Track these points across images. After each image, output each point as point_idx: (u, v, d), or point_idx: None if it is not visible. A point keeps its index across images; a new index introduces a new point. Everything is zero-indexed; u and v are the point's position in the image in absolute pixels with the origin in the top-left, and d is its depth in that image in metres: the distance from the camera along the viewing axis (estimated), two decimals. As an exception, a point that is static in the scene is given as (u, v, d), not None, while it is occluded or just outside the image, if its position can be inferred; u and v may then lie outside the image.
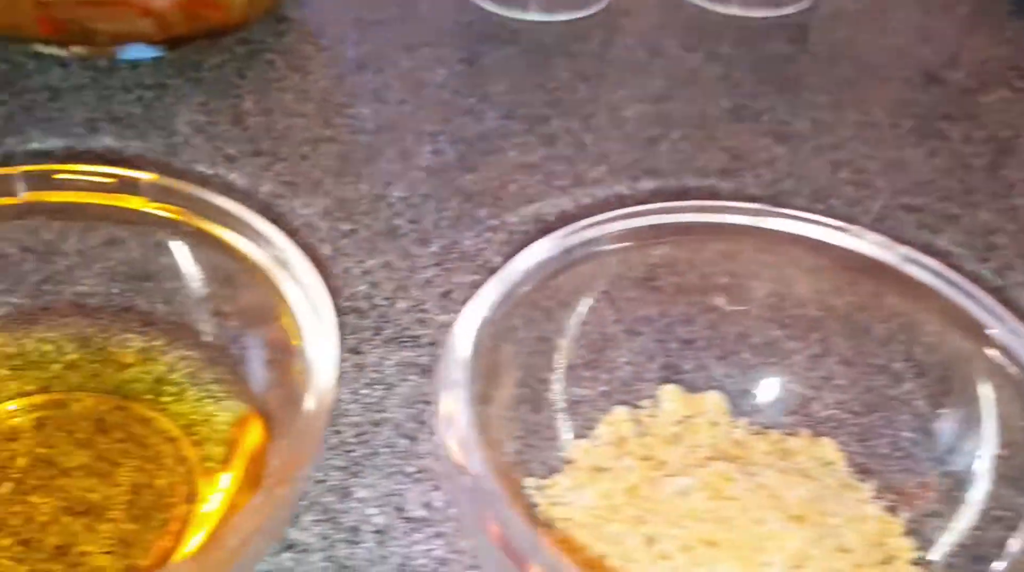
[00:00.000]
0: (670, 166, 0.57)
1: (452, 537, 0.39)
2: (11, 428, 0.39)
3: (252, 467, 0.38)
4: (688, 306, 0.42)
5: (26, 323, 0.43)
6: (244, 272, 0.39)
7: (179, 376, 0.42)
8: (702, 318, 0.44)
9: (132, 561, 0.35)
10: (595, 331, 0.42)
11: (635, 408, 0.41)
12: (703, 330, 0.44)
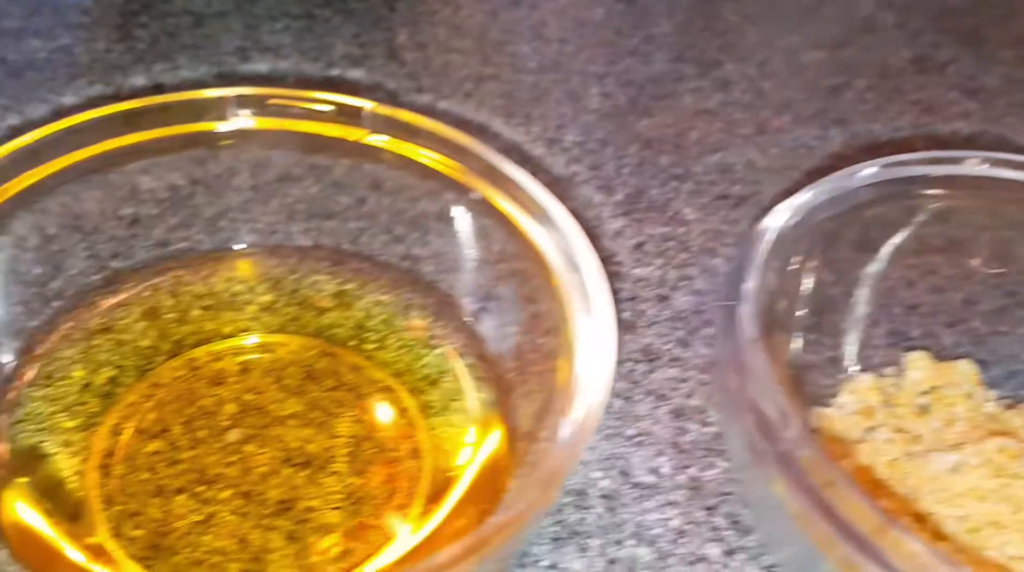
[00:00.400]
0: (858, 117, 0.53)
1: (687, 507, 0.36)
2: (216, 372, 0.36)
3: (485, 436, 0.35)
4: (942, 267, 0.39)
5: (210, 262, 0.40)
6: (483, 217, 0.36)
7: (377, 322, 0.39)
8: (938, 280, 0.40)
9: (363, 519, 0.32)
10: (832, 290, 0.39)
11: (880, 377, 0.38)
12: (927, 295, 0.41)
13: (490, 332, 0.38)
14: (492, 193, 0.35)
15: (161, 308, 0.38)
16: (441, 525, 0.32)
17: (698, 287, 0.44)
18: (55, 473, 0.33)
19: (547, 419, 0.31)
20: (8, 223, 0.36)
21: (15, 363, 0.36)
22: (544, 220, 0.34)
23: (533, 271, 0.34)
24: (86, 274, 0.39)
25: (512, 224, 0.35)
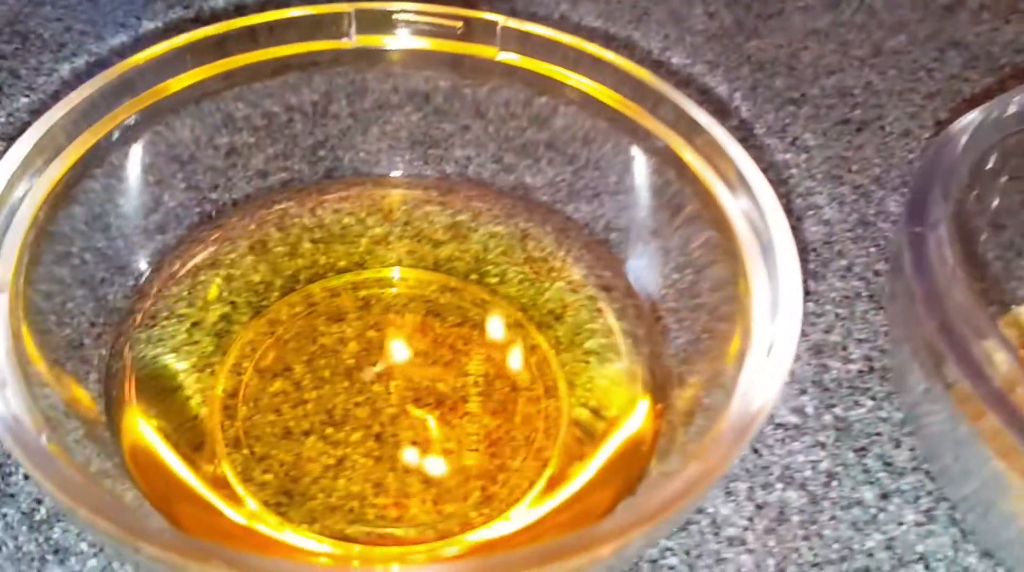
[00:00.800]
0: (974, 38, 0.50)
1: (835, 448, 0.34)
2: (335, 308, 0.34)
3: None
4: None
5: (315, 193, 0.38)
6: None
7: (495, 255, 0.36)
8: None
9: (503, 461, 0.30)
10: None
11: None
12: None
13: (621, 265, 0.36)
14: (642, 117, 0.33)
15: (269, 241, 0.36)
16: (593, 473, 0.30)
17: (827, 217, 0.41)
18: (174, 417, 0.31)
19: (713, 366, 0.28)
20: (102, 155, 0.34)
21: (120, 303, 0.34)
22: (702, 145, 0.31)
23: (690, 204, 0.32)
24: (186, 207, 0.37)
25: (669, 150, 0.32)
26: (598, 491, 0.30)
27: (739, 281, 0.29)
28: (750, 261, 0.28)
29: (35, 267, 0.30)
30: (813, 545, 0.31)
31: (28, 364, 0.28)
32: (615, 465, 0.30)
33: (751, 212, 0.29)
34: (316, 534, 0.28)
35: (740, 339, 0.27)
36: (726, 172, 0.30)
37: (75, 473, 0.23)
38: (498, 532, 0.29)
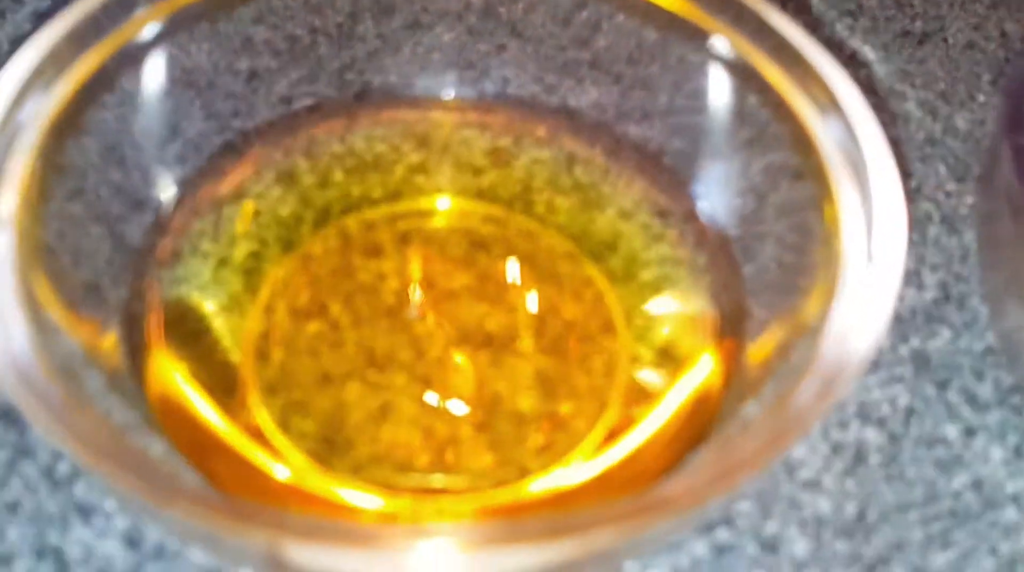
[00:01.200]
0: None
1: (914, 383, 0.31)
2: (371, 243, 0.31)
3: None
4: None
5: (343, 119, 0.35)
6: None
7: (541, 181, 0.33)
8: None
9: (559, 403, 0.28)
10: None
11: None
12: None
13: (679, 188, 0.33)
14: (705, 21, 0.30)
15: (298, 171, 0.33)
16: (659, 416, 0.28)
17: (891, 135, 0.38)
18: (203, 362, 0.28)
19: (801, 305, 0.26)
20: (112, 80, 0.31)
21: (140, 240, 0.31)
22: (777, 51, 0.28)
23: (764, 120, 0.29)
24: (207, 136, 0.34)
25: (739, 57, 0.29)
26: (665, 437, 0.27)
27: (824, 207, 0.26)
28: (838, 183, 0.25)
29: (45, 204, 0.28)
30: (895, 487, 0.29)
31: (40, 309, 0.25)
32: (683, 408, 0.28)
33: (838, 129, 0.26)
34: (360, 487, 0.26)
35: (828, 273, 0.25)
36: (808, 84, 0.27)
37: (97, 428, 0.20)
38: (559, 481, 0.26)
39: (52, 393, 0.21)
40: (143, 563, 0.26)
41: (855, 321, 0.22)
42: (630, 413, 0.28)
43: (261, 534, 0.18)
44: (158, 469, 0.21)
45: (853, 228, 0.25)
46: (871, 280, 0.23)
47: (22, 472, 0.28)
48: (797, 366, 0.23)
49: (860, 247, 0.24)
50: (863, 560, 0.27)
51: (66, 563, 0.26)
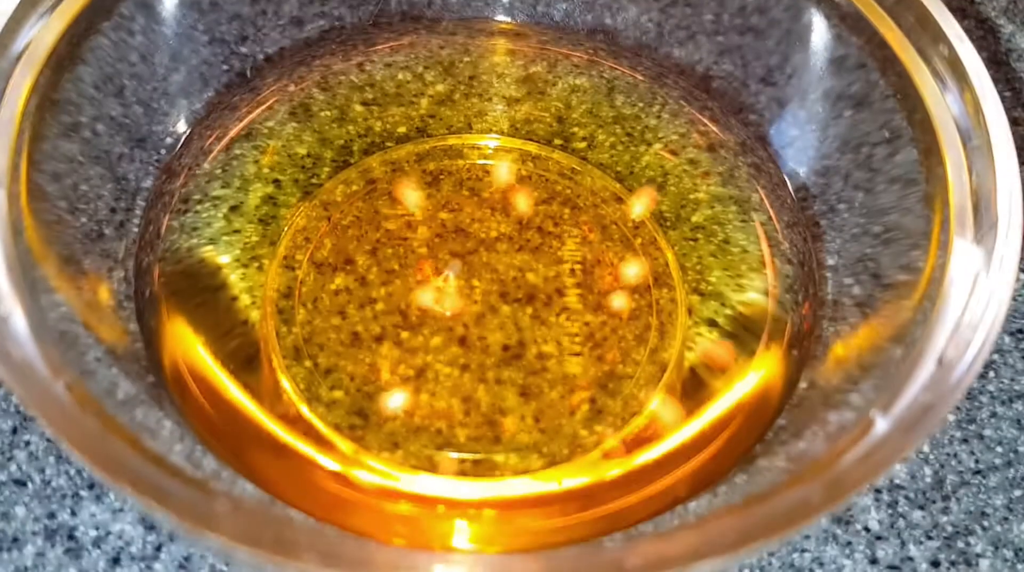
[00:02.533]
0: None
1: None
2: (399, 187, 0.28)
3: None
4: None
5: (360, 44, 0.32)
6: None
7: (580, 114, 0.30)
8: None
9: (612, 366, 0.25)
10: None
11: None
12: None
13: (730, 116, 0.30)
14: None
15: (313, 105, 0.30)
16: (729, 390, 0.25)
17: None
18: (220, 323, 0.26)
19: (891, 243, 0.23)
20: (109, 6, 0.28)
21: (145, 183, 0.28)
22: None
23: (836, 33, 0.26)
24: (212, 65, 0.31)
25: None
26: (740, 405, 0.25)
27: (933, 181, 0.23)
28: (948, 156, 0.22)
29: (38, 143, 0.25)
30: (973, 449, 0.27)
31: (33, 267, 0.23)
32: (758, 374, 0.25)
33: (951, 89, 0.23)
34: (398, 464, 0.24)
35: (938, 212, 0.22)
36: (919, 35, 0.24)
37: (106, 433, 0.18)
38: (621, 461, 0.24)
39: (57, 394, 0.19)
40: (164, 545, 0.24)
41: (965, 321, 0.19)
42: (694, 373, 0.26)
43: (291, 564, 0.16)
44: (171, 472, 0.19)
45: (958, 172, 0.22)
46: (983, 277, 0.20)
47: (25, 444, 0.26)
48: (902, 359, 0.20)
49: (968, 193, 0.21)
50: (943, 531, 0.25)
51: (80, 545, 0.24)
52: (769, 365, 0.25)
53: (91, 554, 0.24)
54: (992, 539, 0.25)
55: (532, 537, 0.23)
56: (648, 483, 0.23)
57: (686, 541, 0.16)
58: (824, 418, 0.22)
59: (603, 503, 0.23)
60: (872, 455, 0.17)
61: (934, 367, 0.18)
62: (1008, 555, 0.25)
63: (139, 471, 0.17)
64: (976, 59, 0.22)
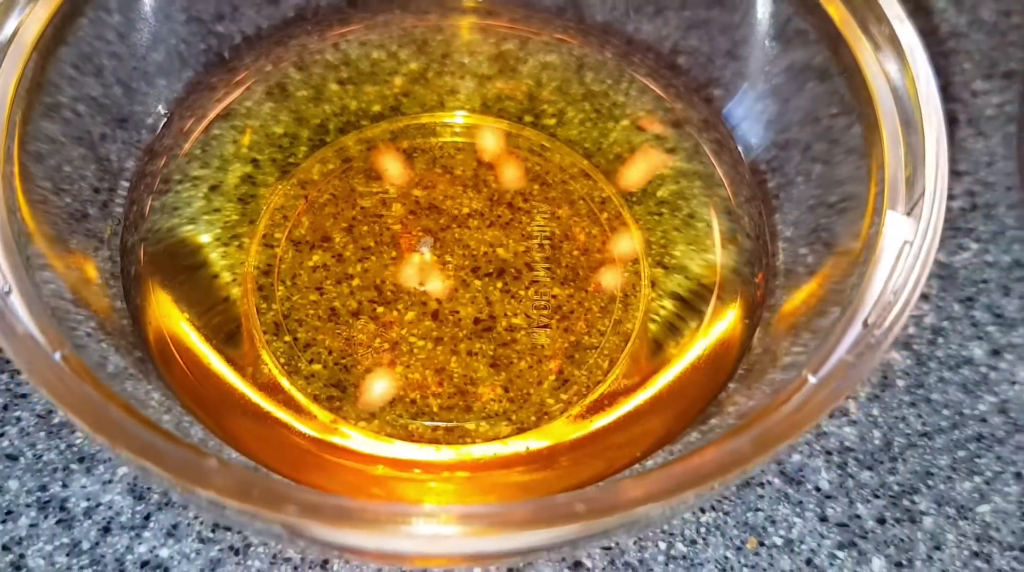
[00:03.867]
0: None
1: (939, 300, 0.30)
2: (374, 165, 0.29)
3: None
4: None
5: (336, 22, 0.32)
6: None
7: (551, 91, 0.31)
8: None
9: (579, 337, 0.27)
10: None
11: None
12: None
13: (694, 95, 0.31)
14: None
15: (290, 84, 0.31)
16: (686, 356, 0.27)
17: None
18: (202, 300, 0.27)
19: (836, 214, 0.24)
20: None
21: (127, 163, 0.29)
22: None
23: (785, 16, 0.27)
24: (190, 44, 0.32)
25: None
26: (696, 371, 0.26)
27: (874, 154, 0.24)
28: (885, 123, 0.23)
29: (23, 126, 0.26)
30: (921, 412, 0.28)
31: (27, 245, 0.24)
32: (712, 341, 0.27)
33: (874, 33, 0.24)
34: (375, 433, 0.25)
35: (872, 184, 0.23)
36: (864, 14, 0.25)
37: (104, 401, 0.19)
38: (582, 425, 0.25)
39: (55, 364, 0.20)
40: (152, 514, 0.25)
41: (890, 287, 0.21)
42: (655, 342, 0.27)
43: (276, 516, 0.17)
44: (167, 436, 0.20)
45: (894, 145, 0.23)
46: (914, 234, 0.22)
47: (17, 420, 0.27)
48: (835, 321, 0.21)
49: (902, 166, 0.23)
50: (889, 490, 0.27)
51: (71, 516, 0.25)
52: (725, 332, 0.27)
53: (82, 524, 0.25)
54: (936, 497, 0.27)
55: (501, 493, 0.24)
56: (608, 445, 0.25)
57: (630, 490, 0.17)
58: (772, 379, 0.23)
59: (566, 463, 0.24)
60: (800, 410, 0.19)
61: (861, 329, 0.20)
62: (951, 512, 0.27)
63: (135, 435, 0.18)
64: (914, 37, 0.24)
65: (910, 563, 0.26)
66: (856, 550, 0.26)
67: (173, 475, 0.17)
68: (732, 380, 0.25)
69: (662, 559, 0.25)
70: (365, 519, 0.17)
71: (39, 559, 0.25)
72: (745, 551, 0.26)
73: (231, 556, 0.25)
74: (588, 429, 0.25)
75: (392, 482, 0.24)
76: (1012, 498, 0.27)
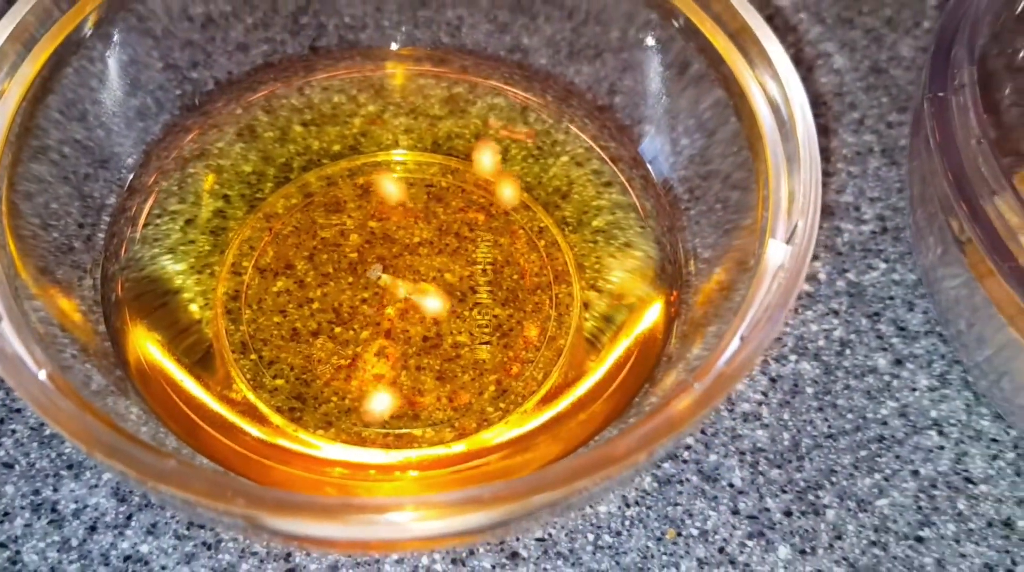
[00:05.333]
0: None
1: (848, 316, 0.33)
2: (333, 199, 0.32)
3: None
4: None
5: (301, 69, 0.36)
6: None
7: (496, 129, 0.35)
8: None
9: (516, 352, 0.30)
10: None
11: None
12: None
13: (626, 133, 0.34)
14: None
15: (258, 126, 0.34)
16: (610, 362, 0.30)
17: (837, 66, 0.40)
18: (177, 323, 0.30)
19: (735, 240, 0.27)
20: (77, 41, 0.32)
21: (109, 200, 0.32)
22: (714, 9, 0.29)
23: (698, 65, 0.30)
24: (167, 90, 0.35)
25: (675, 7, 0.30)
26: (615, 380, 0.29)
27: (756, 158, 0.27)
28: (767, 128, 0.27)
29: (14, 167, 0.29)
30: (827, 416, 0.31)
31: (15, 277, 0.27)
32: (631, 350, 0.30)
33: (766, 80, 0.27)
34: (331, 439, 0.28)
35: (761, 211, 0.26)
36: (739, 34, 0.28)
37: (79, 411, 0.22)
38: (516, 429, 0.28)
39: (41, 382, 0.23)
40: (133, 514, 0.28)
41: (771, 296, 0.24)
42: (584, 356, 0.30)
43: (237, 510, 0.20)
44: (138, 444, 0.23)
45: (778, 179, 0.26)
46: (795, 227, 0.25)
47: (12, 431, 0.30)
48: (736, 307, 0.24)
49: (785, 197, 0.26)
50: (796, 486, 0.30)
51: (62, 517, 0.28)
52: (644, 346, 0.30)
53: (72, 524, 0.28)
54: (838, 492, 0.30)
55: (442, 486, 0.27)
56: (535, 443, 0.28)
57: (534, 481, 0.21)
58: (672, 382, 0.26)
59: (498, 461, 0.27)
60: (681, 415, 0.22)
61: (738, 343, 0.23)
62: (851, 505, 0.30)
63: (105, 440, 0.21)
64: (800, 90, 0.27)
65: (813, 551, 0.29)
66: (764, 539, 0.29)
67: (137, 473, 0.20)
68: (644, 385, 0.28)
69: (590, 548, 0.28)
70: (304, 509, 0.20)
71: (33, 555, 0.28)
72: (665, 541, 0.29)
73: (204, 550, 0.28)
74: (521, 430, 0.28)
75: (348, 482, 0.27)
76: (909, 493, 0.30)
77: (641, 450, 0.21)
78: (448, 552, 0.28)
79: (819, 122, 0.38)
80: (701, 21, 0.29)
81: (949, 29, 0.30)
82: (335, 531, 0.21)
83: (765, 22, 0.28)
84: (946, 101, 0.28)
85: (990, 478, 0.31)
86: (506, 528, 0.24)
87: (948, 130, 0.27)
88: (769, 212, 0.26)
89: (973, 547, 0.29)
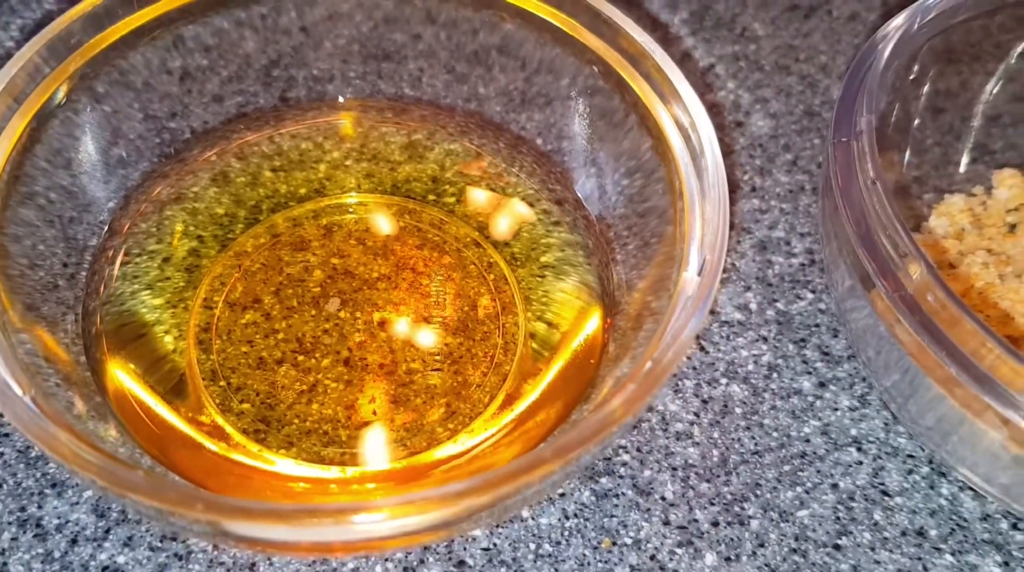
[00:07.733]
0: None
1: (776, 342, 0.36)
2: (298, 238, 0.35)
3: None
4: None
5: (271, 119, 0.39)
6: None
7: (452, 174, 0.38)
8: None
9: (465, 377, 0.33)
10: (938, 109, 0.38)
11: (970, 196, 0.37)
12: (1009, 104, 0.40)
13: (569, 177, 0.37)
14: (578, 31, 0.34)
15: (231, 172, 0.37)
16: (548, 385, 0.32)
17: (773, 110, 0.43)
18: (152, 352, 0.33)
19: (659, 271, 0.30)
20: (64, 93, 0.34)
21: (91, 241, 0.35)
22: (633, 56, 0.32)
23: (625, 114, 0.33)
24: (146, 139, 0.38)
25: (605, 61, 0.33)
26: (553, 400, 0.32)
27: (675, 201, 0.30)
28: (684, 169, 0.30)
29: (3, 212, 0.32)
30: (754, 434, 0.34)
31: (3, 313, 0.29)
32: (569, 374, 0.32)
33: (684, 123, 0.30)
34: (293, 458, 0.31)
35: (679, 246, 0.29)
36: (658, 82, 0.31)
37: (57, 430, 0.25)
38: (463, 446, 0.31)
39: (27, 406, 0.25)
40: (111, 528, 0.31)
41: (680, 323, 0.27)
42: (526, 380, 0.33)
43: (203, 516, 0.23)
44: (111, 459, 0.26)
45: (692, 216, 0.29)
46: (705, 257, 0.28)
47: (1, 454, 0.32)
48: (659, 322, 0.27)
49: (699, 233, 0.29)
50: (723, 499, 0.33)
51: (45, 531, 0.31)
52: (580, 370, 0.32)
53: (55, 537, 0.31)
54: (762, 504, 0.33)
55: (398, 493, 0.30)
56: (478, 456, 0.30)
57: (465, 488, 0.23)
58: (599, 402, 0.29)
59: (441, 474, 0.30)
60: (595, 428, 0.25)
61: (650, 366, 0.26)
62: (774, 516, 0.32)
63: (79, 454, 0.24)
64: (712, 136, 0.30)
65: (737, 558, 0.31)
66: (693, 547, 0.32)
67: (108, 484, 0.23)
68: (577, 408, 0.31)
69: (531, 557, 0.31)
70: (260, 514, 0.23)
71: (19, 566, 0.30)
72: (601, 550, 0.31)
73: (176, 561, 0.30)
74: (466, 446, 0.31)
75: (309, 495, 0.30)
76: (828, 504, 0.33)
77: (554, 461, 0.24)
78: (399, 561, 0.31)
79: (756, 163, 0.41)
80: (630, 76, 0.32)
81: (855, 80, 0.32)
82: (290, 533, 0.24)
83: (684, 78, 0.31)
84: (848, 146, 0.30)
85: (905, 491, 0.33)
86: (451, 528, 0.27)
87: (849, 175, 0.30)
88: (685, 247, 0.28)
89: (887, 554, 0.32)
